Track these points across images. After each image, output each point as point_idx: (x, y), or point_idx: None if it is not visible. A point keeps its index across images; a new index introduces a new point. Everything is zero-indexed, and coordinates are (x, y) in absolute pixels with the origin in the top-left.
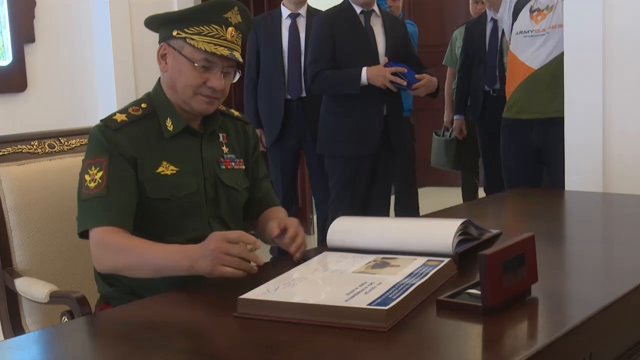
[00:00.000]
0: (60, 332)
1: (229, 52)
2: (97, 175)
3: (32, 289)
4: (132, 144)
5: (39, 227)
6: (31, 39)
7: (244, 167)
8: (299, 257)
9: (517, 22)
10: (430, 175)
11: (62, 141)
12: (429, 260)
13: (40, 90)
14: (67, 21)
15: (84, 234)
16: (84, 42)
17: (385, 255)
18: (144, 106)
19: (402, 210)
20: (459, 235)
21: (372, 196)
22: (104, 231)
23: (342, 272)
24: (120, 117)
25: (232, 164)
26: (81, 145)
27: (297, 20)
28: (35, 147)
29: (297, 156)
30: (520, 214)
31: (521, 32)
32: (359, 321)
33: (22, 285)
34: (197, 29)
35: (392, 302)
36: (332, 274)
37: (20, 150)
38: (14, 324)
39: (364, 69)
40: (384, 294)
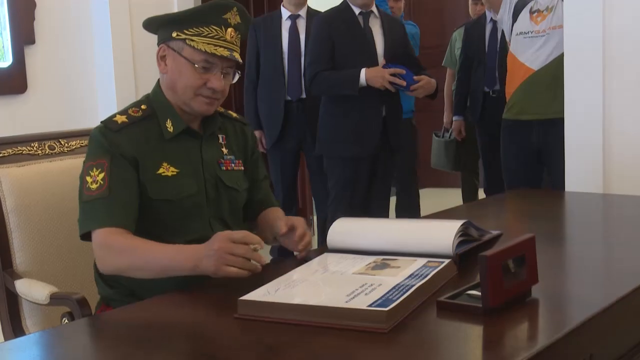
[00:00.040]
0: (60, 333)
1: (228, 52)
2: (98, 176)
3: (32, 290)
4: (132, 145)
5: (39, 229)
6: (31, 41)
7: (243, 168)
8: (304, 255)
9: (517, 23)
10: (430, 176)
11: (62, 143)
12: (429, 261)
13: (40, 91)
14: (67, 22)
15: (85, 236)
16: (84, 43)
17: (385, 256)
18: (143, 107)
19: (403, 210)
20: (460, 236)
21: (372, 197)
22: (106, 232)
23: (343, 274)
24: (120, 119)
25: (232, 165)
26: (81, 146)
27: (297, 21)
28: (35, 148)
29: (297, 157)
30: (520, 215)
31: (521, 33)
32: (359, 322)
33: (22, 286)
34: (197, 30)
35: (392, 303)
36: (333, 275)
37: (20, 151)
38: (14, 325)
39: (363, 70)
40: (384, 295)
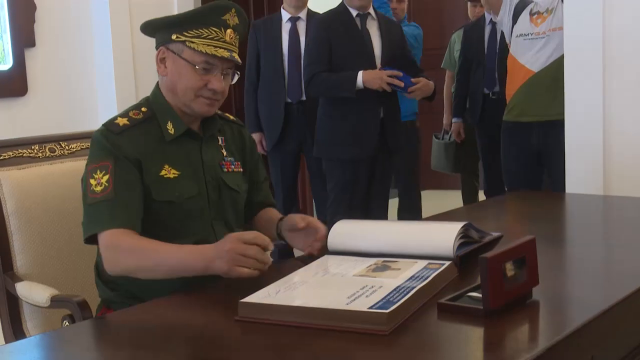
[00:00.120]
0: (61, 336)
1: (228, 53)
2: (103, 178)
3: (33, 293)
4: (135, 147)
5: (39, 231)
6: (31, 43)
7: (242, 169)
8: (316, 254)
9: (517, 25)
10: (430, 178)
11: (63, 145)
12: (429, 263)
13: (40, 94)
14: (67, 24)
15: (90, 240)
16: (84, 44)
17: (386, 258)
18: (144, 110)
19: (405, 212)
20: (460, 238)
21: (371, 198)
22: (113, 233)
23: (343, 276)
24: (122, 121)
25: (232, 166)
26: (82, 149)
27: (297, 23)
28: (35, 151)
29: (298, 159)
30: (520, 217)
31: (521, 35)
32: (360, 324)
33: (23, 289)
34: (196, 32)
35: (393, 305)
36: (333, 277)
37: (21, 154)
38: (15, 328)
39: (360, 73)
40: (385, 297)
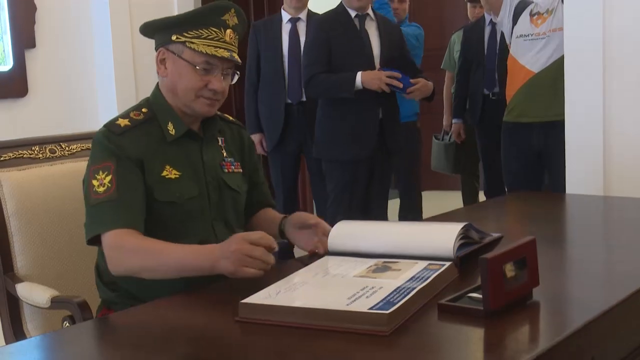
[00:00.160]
0: (61, 337)
1: (228, 53)
2: (105, 179)
3: (33, 294)
4: (137, 148)
5: (40, 232)
6: (32, 44)
7: (241, 170)
8: (322, 252)
9: (517, 25)
10: (430, 178)
11: (63, 146)
12: (430, 264)
13: (41, 95)
14: (67, 25)
15: (92, 241)
16: (84, 45)
17: (386, 259)
18: (144, 111)
19: (405, 212)
20: (460, 239)
21: (370, 198)
22: (117, 233)
23: (343, 276)
24: (123, 122)
25: (232, 167)
26: (82, 150)
27: (297, 24)
28: (36, 152)
29: (298, 160)
30: (521, 218)
31: (521, 36)
32: (360, 325)
33: (23, 290)
34: (196, 32)
35: (393, 306)
36: (333, 278)
37: (21, 155)
38: (15, 329)
39: (359, 74)
40: (385, 298)
